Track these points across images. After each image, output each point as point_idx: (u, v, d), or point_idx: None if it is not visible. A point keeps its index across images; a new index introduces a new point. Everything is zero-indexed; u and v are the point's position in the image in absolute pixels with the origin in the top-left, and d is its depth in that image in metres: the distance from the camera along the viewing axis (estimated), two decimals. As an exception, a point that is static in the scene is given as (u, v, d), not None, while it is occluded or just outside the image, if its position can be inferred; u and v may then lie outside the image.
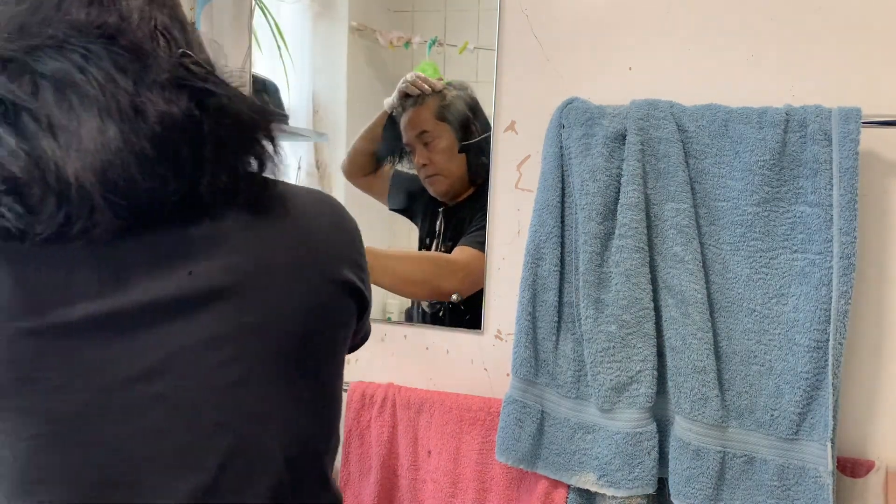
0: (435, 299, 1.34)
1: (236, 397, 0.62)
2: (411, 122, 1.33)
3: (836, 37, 1.07)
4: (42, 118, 0.54)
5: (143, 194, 0.57)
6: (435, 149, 1.32)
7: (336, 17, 1.41)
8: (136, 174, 0.56)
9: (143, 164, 0.56)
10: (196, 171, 0.60)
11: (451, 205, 1.34)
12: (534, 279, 1.13)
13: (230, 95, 0.62)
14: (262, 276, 0.63)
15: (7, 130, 0.54)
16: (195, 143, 0.59)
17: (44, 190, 0.54)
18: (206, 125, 0.60)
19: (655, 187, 1.06)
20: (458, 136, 1.31)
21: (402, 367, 1.35)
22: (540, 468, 1.14)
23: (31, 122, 0.54)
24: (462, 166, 1.31)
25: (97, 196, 0.54)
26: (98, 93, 0.55)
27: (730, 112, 1.04)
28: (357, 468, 1.32)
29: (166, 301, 0.59)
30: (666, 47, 1.15)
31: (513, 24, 1.23)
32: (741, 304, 1.03)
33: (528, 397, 1.14)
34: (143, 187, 0.56)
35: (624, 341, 1.06)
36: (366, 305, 0.75)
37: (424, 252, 1.38)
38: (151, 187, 0.57)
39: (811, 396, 0.99)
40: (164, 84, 0.58)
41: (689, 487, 1.03)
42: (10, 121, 0.54)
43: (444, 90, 1.31)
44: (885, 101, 1.03)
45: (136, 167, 0.55)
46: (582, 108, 1.10)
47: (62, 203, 0.54)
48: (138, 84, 0.57)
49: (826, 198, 0.98)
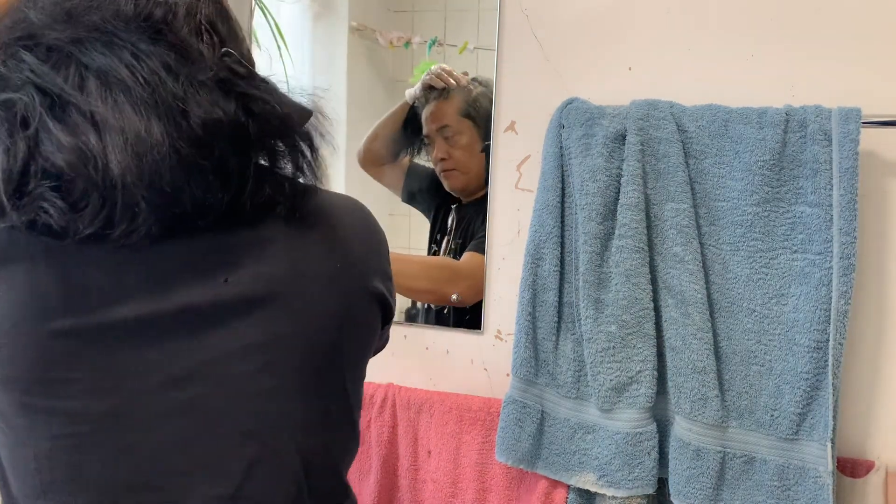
0: (440, 304, 1.34)
1: (265, 407, 0.62)
2: (434, 115, 1.32)
3: (836, 37, 1.07)
4: (87, 113, 0.53)
5: (189, 201, 0.56)
6: (456, 144, 1.31)
7: (336, 17, 1.41)
8: (182, 180, 0.55)
9: (191, 171, 0.55)
10: (242, 180, 0.59)
11: (465, 202, 1.34)
12: (534, 279, 1.13)
13: (275, 100, 0.61)
14: (296, 287, 0.63)
15: (55, 125, 0.53)
16: (242, 150, 0.58)
17: (88, 186, 0.53)
18: (253, 132, 0.59)
19: (655, 187, 1.06)
20: (481, 133, 1.28)
21: (402, 367, 1.35)
22: (540, 468, 1.14)
23: (79, 116, 0.53)
24: (480, 164, 1.28)
25: (140, 198, 0.54)
26: (144, 92, 0.54)
27: (730, 112, 1.04)
28: (357, 468, 1.32)
29: (202, 308, 0.59)
30: (666, 47, 1.15)
31: (513, 24, 1.23)
32: (741, 305, 1.03)
33: (528, 397, 1.14)
34: (190, 194, 0.56)
35: (624, 341, 1.06)
36: (390, 314, 0.75)
37: (433, 258, 1.37)
38: (198, 195, 0.56)
39: (811, 396, 0.99)
40: (209, 85, 0.57)
41: (689, 487, 1.03)
42: (56, 115, 0.53)
43: (469, 86, 1.29)
44: (885, 101, 1.03)
45: (182, 173, 0.55)
46: (582, 108, 1.10)
47: (105, 201, 0.54)
48: (184, 84, 0.56)
49: (826, 198, 0.98)
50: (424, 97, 1.32)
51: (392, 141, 1.37)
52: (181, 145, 0.54)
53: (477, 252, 1.29)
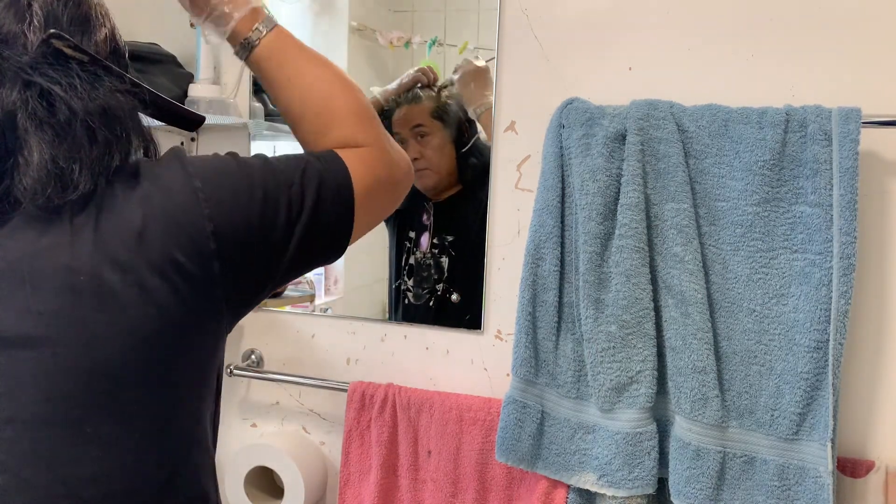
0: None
1: (7, 435, 0.58)
2: (406, 116, 1.35)
3: (836, 37, 1.07)
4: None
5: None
6: (428, 144, 1.35)
7: (336, 17, 1.41)
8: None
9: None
10: (7, 174, 0.57)
11: (439, 200, 1.37)
12: (534, 279, 1.13)
13: (72, 84, 0.59)
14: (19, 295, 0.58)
15: None
16: (6, 146, 0.57)
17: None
18: (27, 124, 0.58)
19: (655, 187, 1.06)
20: (452, 135, 1.34)
21: (402, 367, 1.35)
22: (540, 468, 1.14)
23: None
24: (452, 164, 1.34)
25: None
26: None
27: (730, 112, 1.04)
28: (357, 468, 1.32)
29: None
30: (666, 47, 1.15)
31: (513, 24, 1.23)
32: (741, 305, 1.03)
33: (528, 397, 1.14)
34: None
35: (624, 341, 1.06)
36: (198, 285, 0.63)
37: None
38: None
39: (811, 396, 0.99)
40: (8, 74, 0.56)
41: (689, 487, 1.03)
42: None
43: (441, 89, 1.33)
44: (885, 101, 1.03)
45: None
46: (582, 108, 1.10)
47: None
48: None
49: (826, 198, 0.98)
50: (394, 101, 1.35)
51: None
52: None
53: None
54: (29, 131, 0.59)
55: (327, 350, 1.41)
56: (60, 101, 0.59)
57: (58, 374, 0.58)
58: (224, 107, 1.34)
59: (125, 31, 0.73)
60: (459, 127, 1.33)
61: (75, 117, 0.60)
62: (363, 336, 1.38)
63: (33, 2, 0.61)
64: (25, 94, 0.59)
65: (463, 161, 1.33)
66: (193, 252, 0.62)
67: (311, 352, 1.42)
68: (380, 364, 1.37)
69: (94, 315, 0.58)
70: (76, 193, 0.60)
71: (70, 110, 0.60)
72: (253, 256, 0.67)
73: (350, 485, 1.32)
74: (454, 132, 1.34)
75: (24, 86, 0.59)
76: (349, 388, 1.32)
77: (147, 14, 1.42)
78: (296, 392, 1.43)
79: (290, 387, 1.43)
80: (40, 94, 0.59)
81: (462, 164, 1.34)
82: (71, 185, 0.59)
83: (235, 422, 1.49)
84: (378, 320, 1.38)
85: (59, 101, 0.59)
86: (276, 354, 1.44)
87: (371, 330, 1.38)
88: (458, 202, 1.35)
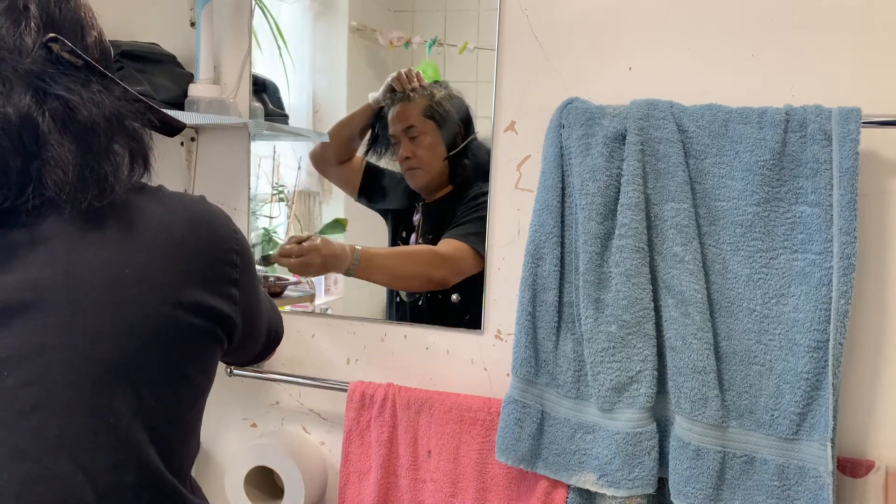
0: (428, 289, 1.36)
1: (30, 423, 0.58)
2: (398, 116, 1.36)
3: (836, 37, 1.07)
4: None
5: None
6: (420, 144, 1.35)
7: (336, 17, 1.41)
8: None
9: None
10: (24, 179, 0.57)
11: (430, 200, 1.38)
12: (534, 279, 1.13)
13: (84, 94, 0.60)
14: (67, 294, 0.59)
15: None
16: (26, 150, 0.57)
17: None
18: (47, 129, 0.58)
19: (655, 187, 1.06)
20: (443, 135, 1.34)
21: (402, 367, 1.35)
22: (540, 468, 1.14)
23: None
24: (443, 164, 1.35)
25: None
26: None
27: (730, 112, 1.04)
28: (357, 468, 1.32)
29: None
30: (666, 47, 1.15)
31: (513, 24, 1.23)
32: (741, 304, 1.03)
33: (528, 397, 1.14)
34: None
35: (624, 341, 1.06)
36: (231, 324, 0.71)
37: (413, 247, 1.40)
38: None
39: (811, 396, 0.99)
40: (11, 79, 0.56)
41: (689, 487, 1.03)
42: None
43: (432, 90, 1.33)
44: (885, 101, 1.03)
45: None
46: (582, 108, 1.10)
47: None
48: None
49: (826, 198, 0.98)
50: (389, 100, 1.36)
51: (349, 141, 1.41)
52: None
53: (453, 238, 1.33)
54: (52, 135, 0.59)
55: (327, 350, 1.41)
56: (78, 106, 0.61)
57: (87, 363, 0.60)
58: (224, 107, 1.34)
59: (125, 31, 0.73)
60: (451, 127, 1.33)
61: (96, 123, 0.62)
62: (363, 336, 1.38)
63: (30, 4, 0.62)
64: (41, 99, 0.59)
65: (454, 162, 1.34)
66: (221, 273, 0.70)
67: (311, 352, 1.42)
68: (380, 364, 1.37)
69: (126, 310, 0.61)
70: (112, 196, 0.62)
71: (90, 115, 0.61)
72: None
73: (350, 485, 1.32)
74: (447, 132, 1.34)
75: (37, 91, 0.59)
76: (349, 387, 1.31)
77: (147, 14, 1.42)
78: (296, 392, 1.44)
79: (290, 387, 1.43)
80: (58, 100, 0.60)
81: (453, 165, 1.34)
82: (108, 189, 0.62)
83: (235, 422, 1.49)
84: (378, 320, 1.38)
85: (78, 107, 0.61)
86: (277, 354, 1.44)
87: (371, 330, 1.38)
88: (448, 203, 1.35)
